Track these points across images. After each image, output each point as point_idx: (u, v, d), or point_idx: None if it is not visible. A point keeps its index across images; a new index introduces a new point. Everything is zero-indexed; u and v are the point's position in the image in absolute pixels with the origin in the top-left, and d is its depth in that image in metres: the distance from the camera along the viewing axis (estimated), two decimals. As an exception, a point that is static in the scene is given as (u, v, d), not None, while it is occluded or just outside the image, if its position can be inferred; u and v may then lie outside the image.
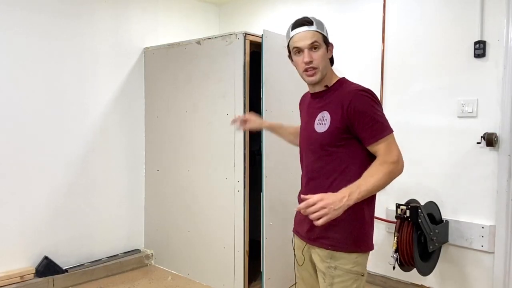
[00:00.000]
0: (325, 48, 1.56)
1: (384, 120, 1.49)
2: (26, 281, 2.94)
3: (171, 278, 3.39)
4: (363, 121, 1.46)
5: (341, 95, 1.52)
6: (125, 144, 3.61)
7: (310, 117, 1.63)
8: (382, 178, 1.40)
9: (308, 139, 1.63)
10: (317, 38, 1.53)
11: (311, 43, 1.52)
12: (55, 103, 3.14)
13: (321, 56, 1.54)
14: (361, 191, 1.37)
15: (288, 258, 3.17)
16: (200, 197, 3.27)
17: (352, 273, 1.53)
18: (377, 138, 1.45)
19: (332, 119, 1.52)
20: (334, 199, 1.32)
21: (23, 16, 2.94)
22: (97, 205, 3.42)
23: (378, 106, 1.50)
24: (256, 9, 4.05)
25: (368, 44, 3.23)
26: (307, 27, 1.53)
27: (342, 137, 1.51)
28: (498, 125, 2.64)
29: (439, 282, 2.92)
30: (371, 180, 1.39)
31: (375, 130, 1.46)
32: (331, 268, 1.54)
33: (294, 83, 3.06)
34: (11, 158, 2.92)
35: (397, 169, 1.44)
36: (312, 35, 1.53)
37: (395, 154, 1.44)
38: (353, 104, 1.47)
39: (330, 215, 1.31)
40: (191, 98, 3.31)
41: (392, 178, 1.43)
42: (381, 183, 1.41)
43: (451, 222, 2.81)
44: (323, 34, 1.55)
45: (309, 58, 1.53)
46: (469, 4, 2.74)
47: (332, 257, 1.54)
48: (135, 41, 3.65)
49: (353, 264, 1.53)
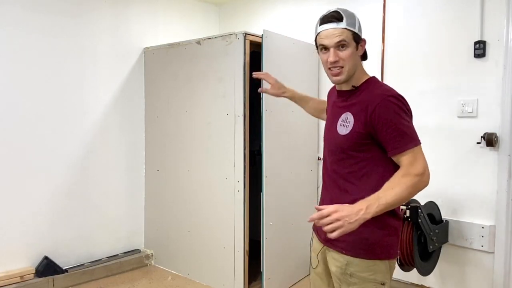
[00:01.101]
0: (354, 46, 1.44)
1: (411, 131, 1.37)
2: (26, 281, 2.94)
3: (171, 278, 3.39)
4: (386, 130, 1.35)
5: (368, 97, 1.42)
6: (125, 144, 3.61)
7: (334, 116, 1.54)
8: (405, 191, 1.30)
9: (330, 139, 1.55)
10: (345, 37, 1.41)
11: (338, 42, 1.42)
12: (55, 103, 3.13)
13: (348, 55, 1.43)
14: (380, 204, 1.27)
15: (288, 258, 3.17)
16: (200, 197, 3.27)
17: (369, 282, 1.43)
18: (402, 150, 1.34)
19: (355, 122, 1.42)
20: (349, 212, 1.24)
21: (23, 16, 2.94)
22: (97, 205, 3.42)
23: (405, 114, 1.37)
24: (256, 9, 4.05)
25: (368, 44, 3.22)
26: (335, 24, 1.42)
27: (364, 142, 1.41)
28: (498, 125, 2.64)
29: (439, 282, 2.92)
30: (391, 193, 1.29)
31: (399, 141, 1.34)
32: (346, 275, 1.46)
33: (294, 83, 3.06)
34: (11, 158, 2.92)
35: (422, 181, 1.33)
36: (340, 32, 1.41)
37: (420, 166, 1.33)
38: (378, 110, 1.36)
39: (344, 228, 1.23)
40: (191, 98, 3.31)
41: (415, 191, 1.33)
42: (403, 197, 1.30)
43: (451, 222, 2.81)
44: (353, 31, 1.43)
45: (334, 58, 1.43)
46: (469, 4, 2.73)
47: (348, 263, 1.46)
48: (135, 41, 3.65)
49: (370, 271, 1.43)
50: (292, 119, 3.16)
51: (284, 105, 3.03)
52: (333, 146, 1.51)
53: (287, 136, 3.15)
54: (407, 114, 1.39)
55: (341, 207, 1.25)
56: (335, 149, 1.50)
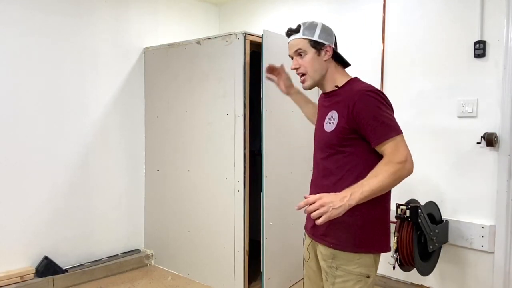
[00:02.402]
0: (314, 52, 1.57)
1: (391, 121, 1.44)
2: (26, 281, 2.94)
3: (171, 278, 3.39)
4: (367, 122, 1.43)
5: (349, 95, 1.52)
6: (125, 144, 3.61)
7: (321, 115, 1.65)
8: (387, 178, 1.36)
9: (318, 137, 1.65)
10: (302, 45, 1.57)
11: (295, 51, 1.59)
12: (55, 103, 3.13)
13: (307, 61, 1.57)
14: (364, 191, 1.34)
15: (288, 258, 3.17)
16: (200, 197, 3.27)
17: (354, 274, 1.51)
18: (384, 139, 1.42)
19: (339, 118, 1.51)
20: (333, 198, 1.32)
21: (23, 15, 2.94)
22: (97, 205, 3.42)
23: (385, 107, 1.46)
24: (256, 9, 4.05)
25: (368, 44, 3.23)
26: (293, 36, 1.60)
27: (349, 137, 1.50)
28: (498, 125, 2.64)
29: (439, 282, 2.92)
30: (374, 181, 1.36)
31: (380, 131, 1.42)
32: (332, 268, 1.54)
33: (294, 83, 3.06)
34: (11, 157, 2.92)
35: (404, 169, 1.38)
36: (297, 43, 1.58)
37: (402, 154, 1.39)
38: (358, 104, 1.45)
39: (329, 213, 1.30)
40: (191, 98, 3.31)
41: (398, 178, 1.39)
42: (386, 184, 1.36)
43: (451, 222, 2.81)
44: (309, 39, 1.56)
45: (294, 65, 1.61)
46: (469, 4, 2.74)
47: (334, 256, 1.54)
48: (135, 41, 3.65)
49: (355, 265, 1.51)
50: (292, 119, 3.16)
51: (284, 105, 3.03)
52: (322, 144, 1.61)
53: (287, 136, 3.15)
54: (387, 107, 1.48)
55: (325, 195, 1.34)
56: (324, 146, 1.59)
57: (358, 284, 1.51)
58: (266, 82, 2.93)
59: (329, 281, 1.55)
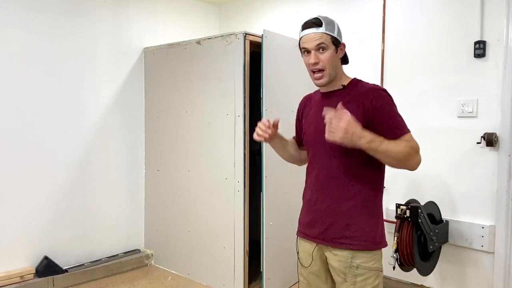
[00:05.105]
0: (333, 49, 1.56)
1: (403, 120, 1.53)
2: (26, 281, 2.94)
3: (171, 278, 3.39)
4: (384, 118, 1.49)
5: (360, 93, 1.55)
6: (125, 144, 3.61)
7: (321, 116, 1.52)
8: (402, 152, 1.43)
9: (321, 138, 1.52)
10: (324, 40, 1.54)
11: (318, 44, 1.54)
12: (55, 103, 3.13)
13: (328, 57, 1.55)
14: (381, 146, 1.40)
15: (288, 258, 3.16)
16: (200, 197, 3.27)
17: (373, 270, 1.56)
18: (401, 134, 1.49)
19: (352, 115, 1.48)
20: (355, 131, 1.36)
21: (23, 15, 2.94)
22: (97, 205, 3.42)
23: (395, 106, 1.55)
24: (256, 9, 4.05)
25: (368, 44, 3.23)
26: (315, 29, 1.54)
27: None
28: (498, 125, 2.64)
29: (439, 282, 2.92)
30: (393, 145, 1.43)
31: (397, 127, 1.49)
32: (353, 268, 1.55)
33: (295, 83, 3.06)
34: (11, 158, 2.92)
35: (416, 158, 1.47)
36: (320, 36, 1.54)
37: (417, 145, 1.49)
38: (375, 102, 1.50)
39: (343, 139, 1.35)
40: (191, 98, 3.31)
41: (407, 161, 1.45)
42: (400, 155, 1.43)
43: (451, 222, 2.81)
44: (331, 35, 1.55)
45: (314, 60, 1.55)
46: (469, 4, 2.73)
47: (354, 256, 1.55)
48: (135, 41, 3.65)
49: (373, 261, 1.56)
50: (292, 119, 3.14)
51: (284, 105, 3.03)
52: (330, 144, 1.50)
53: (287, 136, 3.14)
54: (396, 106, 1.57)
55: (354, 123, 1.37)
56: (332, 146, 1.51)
57: (377, 279, 1.57)
58: (266, 82, 2.93)
59: (349, 281, 1.55)
